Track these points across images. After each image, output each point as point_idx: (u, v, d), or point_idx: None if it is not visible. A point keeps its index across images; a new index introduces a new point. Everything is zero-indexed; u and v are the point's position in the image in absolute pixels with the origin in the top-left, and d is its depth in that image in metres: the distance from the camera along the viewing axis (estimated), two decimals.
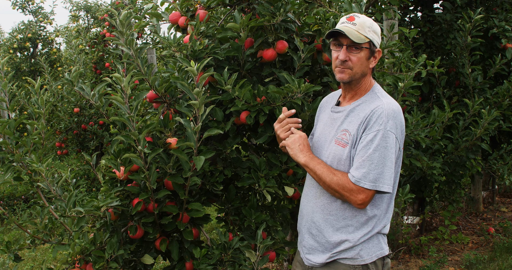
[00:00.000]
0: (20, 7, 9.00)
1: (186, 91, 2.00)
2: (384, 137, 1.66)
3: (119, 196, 2.17)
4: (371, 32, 1.75)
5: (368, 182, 1.65)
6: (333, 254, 1.77)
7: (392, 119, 1.68)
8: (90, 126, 5.93)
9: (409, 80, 2.75)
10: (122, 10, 2.11)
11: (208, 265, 2.09)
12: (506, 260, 4.15)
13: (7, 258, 2.14)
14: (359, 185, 1.66)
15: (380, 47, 1.84)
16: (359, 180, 1.66)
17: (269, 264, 4.14)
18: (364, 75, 1.79)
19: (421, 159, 3.64)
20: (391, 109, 1.70)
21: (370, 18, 1.80)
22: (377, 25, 1.79)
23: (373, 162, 1.65)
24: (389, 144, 1.66)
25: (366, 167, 1.65)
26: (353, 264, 1.75)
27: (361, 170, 1.66)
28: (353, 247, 1.75)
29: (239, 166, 2.32)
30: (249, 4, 2.40)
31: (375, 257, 1.75)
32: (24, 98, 2.50)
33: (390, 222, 4.40)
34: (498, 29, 4.54)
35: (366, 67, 1.78)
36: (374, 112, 1.70)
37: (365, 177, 1.65)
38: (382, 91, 1.82)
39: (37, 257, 4.81)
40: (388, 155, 1.66)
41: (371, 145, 1.66)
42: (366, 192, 1.66)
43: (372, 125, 1.68)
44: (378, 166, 1.65)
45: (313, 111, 2.24)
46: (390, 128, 1.67)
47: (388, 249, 1.80)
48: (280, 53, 2.29)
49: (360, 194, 1.67)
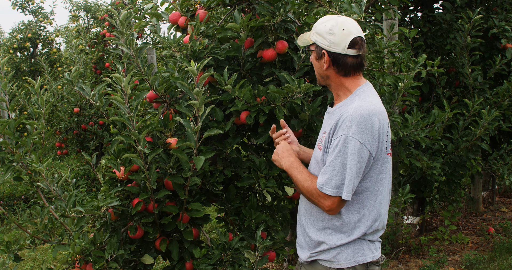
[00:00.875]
0: (20, 7, 8.99)
1: (186, 91, 2.00)
2: (346, 142, 1.62)
3: (119, 196, 2.17)
4: (314, 34, 1.74)
5: (330, 189, 1.64)
6: (313, 253, 1.80)
7: (356, 124, 1.62)
8: (90, 126, 5.93)
9: (409, 80, 2.75)
10: (122, 10, 2.11)
11: (208, 265, 2.09)
12: (506, 260, 4.15)
13: (7, 258, 2.14)
14: (321, 191, 1.66)
15: (380, 47, 1.83)
16: (321, 187, 1.66)
17: (269, 264, 4.14)
18: (323, 77, 1.78)
19: (421, 159, 3.65)
20: (357, 114, 1.63)
21: (324, 19, 1.75)
22: (322, 26, 1.72)
23: (334, 168, 1.64)
24: (349, 150, 1.61)
25: (328, 173, 1.65)
26: (329, 267, 1.76)
27: (324, 176, 1.66)
28: (329, 250, 1.75)
29: (239, 166, 2.32)
30: (249, 4, 2.40)
31: (354, 262, 1.73)
32: (24, 98, 2.50)
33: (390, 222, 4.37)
34: (498, 29, 4.54)
35: (320, 69, 1.77)
36: (341, 116, 1.67)
37: (327, 183, 1.65)
38: (364, 93, 1.74)
39: (37, 257, 4.81)
40: (348, 162, 1.62)
41: (334, 151, 1.64)
42: (332, 198, 1.65)
43: (337, 131, 1.66)
44: (339, 173, 1.63)
45: (313, 111, 2.25)
46: (352, 134, 1.61)
47: (374, 256, 1.75)
48: (280, 53, 2.29)
49: (326, 201, 1.67)
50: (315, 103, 2.28)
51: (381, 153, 1.70)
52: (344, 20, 1.72)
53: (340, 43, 1.70)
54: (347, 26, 1.71)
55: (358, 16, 2.15)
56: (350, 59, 1.73)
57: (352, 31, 1.71)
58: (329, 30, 1.70)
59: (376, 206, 1.74)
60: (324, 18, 1.76)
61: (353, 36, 1.71)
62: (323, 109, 2.40)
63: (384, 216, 1.78)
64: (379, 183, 1.73)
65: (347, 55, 1.72)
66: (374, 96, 1.75)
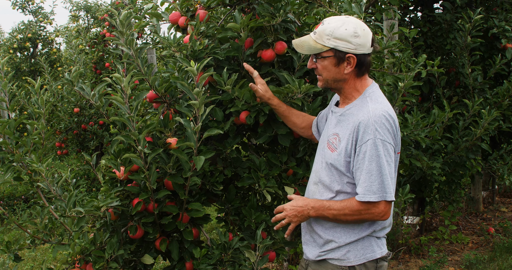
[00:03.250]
0: (20, 7, 8.99)
1: (186, 91, 2.00)
2: (375, 145, 1.63)
3: (119, 196, 2.17)
4: (332, 39, 1.67)
5: (373, 195, 1.64)
6: (322, 252, 1.79)
7: (379, 126, 1.64)
8: (90, 126, 5.93)
9: (409, 80, 2.75)
10: (122, 10, 2.11)
11: (208, 265, 2.09)
12: (506, 260, 4.15)
13: (7, 258, 2.14)
14: (365, 200, 1.64)
15: (380, 47, 1.83)
16: (364, 196, 1.65)
17: (269, 264, 4.14)
18: (340, 81, 1.75)
19: (421, 159, 3.64)
20: (377, 116, 1.65)
21: (336, 23, 1.69)
22: (343, 30, 1.67)
23: (372, 174, 1.64)
24: (381, 153, 1.63)
25: (367, 181, 1.64)
26: (340, 265, 1.75)
27: (363, 185, 1.65)
28: (339, 248, 1.75)
29: (239, 166, 2.32)
30: (249, 4, 2.40)
31: (364, 259, 1.74)
32: (24, 98, 2.50)
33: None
34: (498, 29, 4.54)
35: (338, 73, 1.73)
36: (361, 123, 1.66)
37: (368, 190, 1.64)
38: (374, 94, 1.76)
39: (37, 257, 4.81)
40: (383, 163, 1.63)
41: (366, 157, 1.64)
42: (378, 204, 1.65)
43: (362, 136, 1.65)
44: (377, 177, 1.63)
45: (313, 111, 2.25)
46: (379, 136, 1.63)
47: (382, 252, 1.78)
48: (279, 54, 2.29)
49: (375, 208, 1.65)
50: (315, 103, 2.28)
51: (395, 151, 1.74)
52: (355, 19, 1.72)
53: (366, 43, 1.69)
54: (363, 25, 1.70)
55: (358, 16, 2.15)
56: (369, 58, 1.74)
57: (368, 29, 1.71)
58: (354, 33, 1.67)
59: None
60: (333, 21, 1.70)
61: (371, 34, 1.71)
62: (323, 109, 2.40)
63: (391, 214, 1.80)
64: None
65: (368, 54, 1.72)
66: (383, 97, 1.77)
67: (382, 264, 1.79)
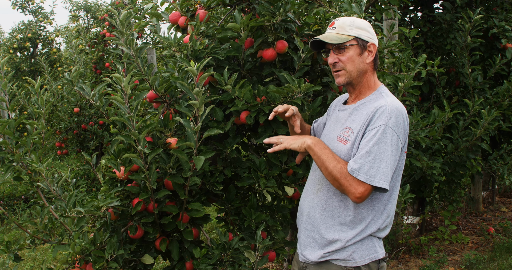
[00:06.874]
0: (20, 7, 8.99)
1: (186, 91, 2.00)
2: (385, 132, 1.63)
3: (119, 196, 2.17)
4: (355, 29, 1.75)
5: (363, 174, 1.61)
6: (326, 253, 1.76)
7: (395, 116, 1.66)
8: (90, 126, 5.93)
9: (409, 80, 2.75)
10: (122, 10, 2.11)
11: (208, 265, 2.09)
12: (506, 260, 4.15)
13: (7, 258, 2.14)
14: (353, 175, 1.62)
15: (380, 47, 1.85)
16: (354, 171, 1.62)
17: (269, 264, 4.14)
18: (362, 72, 1.78)
19: (421, 159, 3.64)
20: (394, 107, 1.68)
21: (351, 17, 1.81)
22: (361, 21, 1.78)
23: (370, 155, 1.62)
24: (388, 140, 1.63)
25: (363, 159, 1.62)
26: (345, 266, 1.74)
27: (358, 161, 1.63)
28: (345, 248, 1.74)
29: (239, 166, 2.32)
30: (249, 4, 2.40)
31: (368, 260, 1.74)
32: (24, 98, 2.50)
33: None
34: (498, 29, 4.54)
35: (361, 63, 1.77)
36: (378, 109, 1.68)
37: (360, 168, 1.62)
38: (388, 91, 1.81)
39: (37, 257, 4.81)
40: (387, 151, 1.63)
41: (372, 139, 1.64)
42: (364, 185, 1.62)
43: (375, 121, 1.66)
44: (375, 160, 1.62)
45: (313, 111, 2.25)
46: (391, 125, 1.65)
47: (383, 253, 1.78)
48: (280, 53, 2.29)
49: (359, 187, 1.62)
50: (315, 103, 2.28)
51: (403, 150, 1.74)
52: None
53: (375, 37, 1.81)
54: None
55: (358, 16, 2.15)
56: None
57: None
58: (368, 24, 1.80)
59: (390, 202, 1.76)
60: (345, 17, 1.82)
61: None
62: (323, 109, 2.40)
63: (394, 212, 1.81)
64: (395, 179, 1.75)
65: None
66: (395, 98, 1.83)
67: (383, 264, 1.79)
